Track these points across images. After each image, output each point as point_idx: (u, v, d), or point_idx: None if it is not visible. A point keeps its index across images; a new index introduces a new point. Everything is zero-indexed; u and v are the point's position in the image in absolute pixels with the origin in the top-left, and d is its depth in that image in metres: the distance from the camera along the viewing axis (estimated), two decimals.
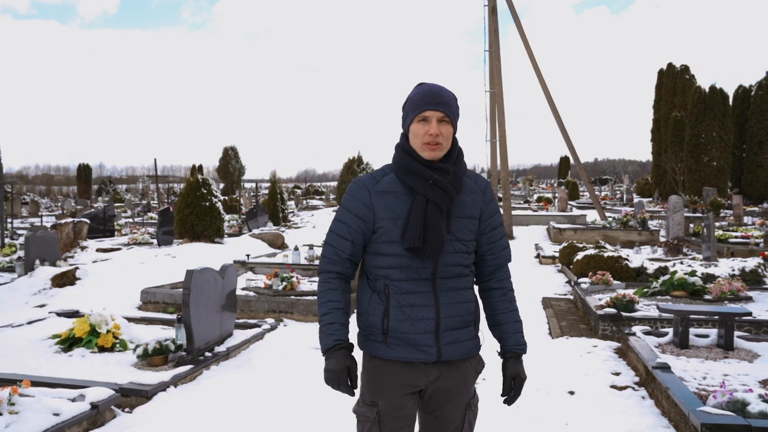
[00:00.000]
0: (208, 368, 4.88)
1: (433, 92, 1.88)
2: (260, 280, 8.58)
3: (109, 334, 5.28)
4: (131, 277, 8.89)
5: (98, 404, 3.64)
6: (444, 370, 1.92)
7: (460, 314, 1.92)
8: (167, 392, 4.25)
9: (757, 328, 5.64)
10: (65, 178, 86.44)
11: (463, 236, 1.92)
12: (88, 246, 12.09)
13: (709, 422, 3.22)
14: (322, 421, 3.88)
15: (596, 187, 52.62)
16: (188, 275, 4.92)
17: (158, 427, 3.73)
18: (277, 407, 4.12)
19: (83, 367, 4.79)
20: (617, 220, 16.17)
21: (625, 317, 5.93)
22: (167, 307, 7.29)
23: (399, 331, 1.88)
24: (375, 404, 1.94)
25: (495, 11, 17.66)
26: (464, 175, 1.96)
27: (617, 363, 5.07)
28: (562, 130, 17.39)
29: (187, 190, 12.59)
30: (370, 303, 1.94)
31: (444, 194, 1.86)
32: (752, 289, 7.42)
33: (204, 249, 11.69)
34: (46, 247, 9.47)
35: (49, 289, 8.01)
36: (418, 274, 1.88)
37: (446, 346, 1.90)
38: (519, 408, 4.03)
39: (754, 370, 4.43)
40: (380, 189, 1.91)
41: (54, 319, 6.40)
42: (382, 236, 1.89)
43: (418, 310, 1.88)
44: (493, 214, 2.02)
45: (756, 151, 27.46)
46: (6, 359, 4.89)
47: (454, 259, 1.90)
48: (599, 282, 7.77)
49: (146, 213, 26.74)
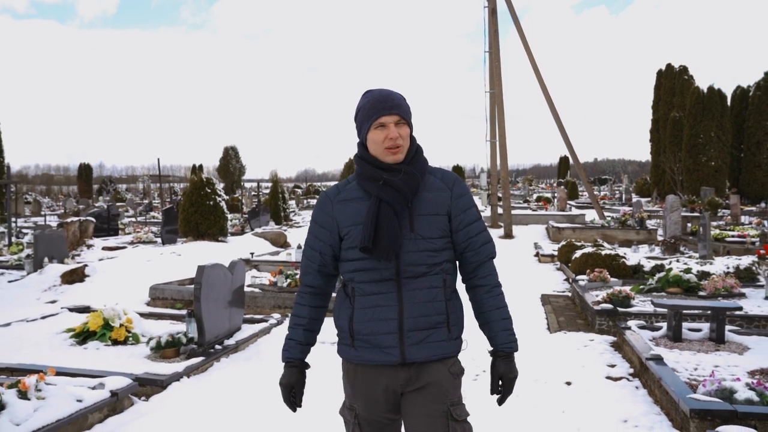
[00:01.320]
0: (219, 360, 5.06)
1: (383, 97, 1.90)
2: (265, 278, 8.77)
3: (122, 327, 5.46)
4: (138, 274, 9.07)
5: (117, 392, 3.82)
6: (414, 372, 1.90)
7: (427, 314, 1.88)
8: (181, 382, 4.43)
9: (748, 323, 5.83)
10: (65, 178, 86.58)
11: (428, 234, 1.89)
12: (93, 244, 12.27)
13: (698, 408, 3.40)
14: (327, 411, 4.07)
15: (596, 186, 52.83)
16: (199, 271, 5.10)
17: (173, 414, 3.92)
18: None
19: (98, 359, 4.97)
20: (616, 220, 16.35)
21: (621, 312, 6.12)
22: (175, 303, 7.48)
23: (363, 333, 1.89)
24: (353, 408, 1.98)
25: (495, 13, 17.84)
26: (423, 173, 1.95)
27: (613, 356, 5.25)
28: (561, 130, 17.57)
29: (191, 190, 12.77)
30: (340, 307, 1.98)
31: (396, 193, 1.86)
32: (746, 286, 7.60)
33: (208, 247, 11.88)
34: (54, 245, 9.65)
35: (59, 285, 8.20)
36: (381, 275, 1.88)
37: (411, 347, 1.87)
38: (519, 396, 4.21)
39: (744, 362, 4.62)
40: (342, 198, 1.96)
41: (66, 314, 6.59)
42: (347, 242, 1.93)
43: (380, 310, 1.88)
44: (465, 209, 1.97)
45: (754, 152, 27.64)
46: (25, 351, 5.08)
47: (418, 258, 1.88)
48: (597, 279, 7.96)
49: (148, 212, 26.92)
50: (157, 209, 28.18)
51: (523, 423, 3.87)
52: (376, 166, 1.91)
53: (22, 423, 3.15)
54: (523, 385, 4.38)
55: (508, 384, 1.95)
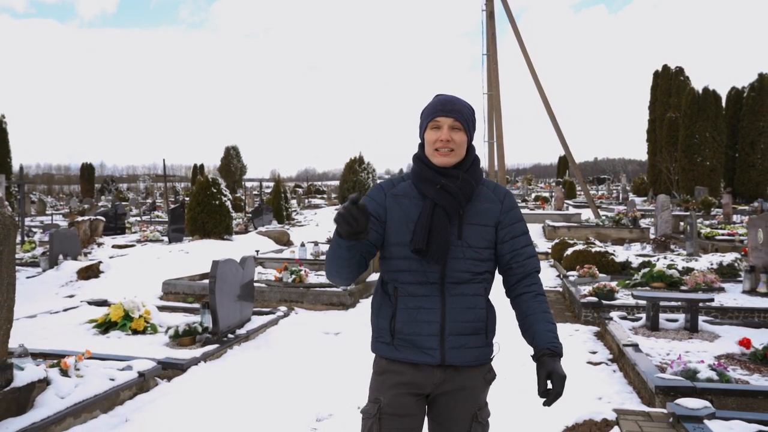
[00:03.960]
0: (232, 348, 5.49)
1: (446, 100, 1.93)
2: (270, 274, 9.19)
3: (141, 318, 5.89)
4: (149, 270, 9.51)
5: (144, 373, 4.25)
6: (449, 375, 1.93)
7: (468, 320, 1.92)
8: (198, 366, 4.86)
9: (722, 314, 6.26)
10: (65, 177, 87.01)
11: (475, 243, 1.92)
12: (103, 242, 12.71)
13: (662, 385, 3.84)
14: (333, 392, 4.50)
15: (594, 186, 53.24)
16: (214, 265, 5.53)
17: (193, 394, 4.35)
18: (293, 380, 4.74)
19: (121, 346, 5.39)
20: (610, 219, 16.78)
21: (606, 305, 6.55)
22: (187, 297, 7.91)
23: (404, 333, 1.92)
24: (378, 401, 1.97)
25: (493, 16, 18.27)
26: (478, 182, 1.97)
27: (595, 344, 5.69)
28: (558, 132, 18.00)
29: (198, 190, 13.20)
30: (381, 306, 2.00)
31: (452, 199, 1.89)
32: (727, 281, 8.03)
33: (214, 245, 12.30)
34: (68, 243, 10.08)
35: (75, 281, 8.63)
36: (426, 278, 1.90)
37: (451, 350, 1.90)
38: (507, 380, 4.64)
39: (713, 348, 5.05)
40: (395, 192, 1.98)
41: (86, 307, 7.02)
42: (393, 238, 1.93)
43: (424, 312, 1.91)
44: (514, 222, 2.00)
45: (748, 152, 28.09)
46: (54, 339, 5.50)
47: (464, 265, 1.91)
48: (586, 275, 8.38)
49: (152, 211, 27.34)
50: (160, 208, 28.63)
51: (510, 404, 4.29)
52: (435, 169, 1.93)
53: (66, 396, 3.58)
54: (510, 369, 4.80)
55: (558, 382, 1.83)
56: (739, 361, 4.64)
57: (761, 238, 7.54)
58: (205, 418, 3.92)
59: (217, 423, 3.85)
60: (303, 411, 4.12)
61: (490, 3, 18.28)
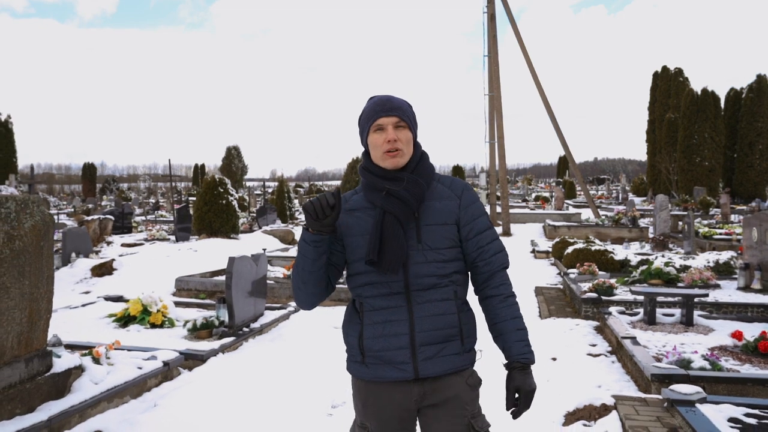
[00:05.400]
0: (247, 340, 5.74)
1: (385, 100, 1.87)
2: (278, 271, 9.44)
3: (159, 313, 6.14)
4: (160, 268, 9.75)
5: (169, 362, 4.50)
6: (428, 388, 1.84)
7: (439, 327, 1.82)
8: (217, 357, 5.11)
9: (717, 309, 6.50)
10: (66, 177, 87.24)
11: (437, 244, 1.83)
12: (113, 241, 12.96)
13: (658, 373, 4.09)
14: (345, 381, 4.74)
15: (594, 186, 53.50)
16: (230, 261, 5.77)
17: (214, 382, 4.59)
18: (307, 370, 4.99)
19: (141, 339, 5.64)
20: (610, 218, 17.02)
21: (605, 300, 6.80)
22: (199, 293, 8.15)
23: (374, 350, 1.84)
24: (365, 427, 1.91)
25: (494, 18, 18.50)
26: (430, 180, 1.89)
27: (595, 337, 5.93)
28: (558, 132, 18.24)
29: (205, 189, 13.45)
30: (349, 324, 1.93)
31: (400, 203, 1.80)
32: (722, 279, 8.28)
33: (221, 244, 12.55)
34: (80, 241, 10.33)
35: (89, 278, 8.88)
36: (390, 289, 1.82)
37: (424, 361, 1.81)
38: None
39: (707, 340, 5.30)
40: (349, 207, 1.91)
41: (103, 302, 7.26)
42: (353, 254, 1.87)
43: (391, 325, 1.82)
44: (475, 217, 1.90)
45: (746, 152, 28.38)
46: (76, 333, 5.74)
47: (427, 269, 1.82)
48: (586, 272, 8.63)
49: (155, 211, 27.59)
50: (163, 208, 28.88)
51: None
52: (379, 176, 1.86)
53: (99, 382, 3.83)
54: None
55: (526, 397, 1.82)
56: (732, 352, 4.88)
57: (755, 236, 7.79)
58: (227, 404, 4.17)
59: (239, 409, 4.10)
60: (318, 398, 4.37)
61: (491, 5, 18.51)
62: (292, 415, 4.03)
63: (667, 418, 3.51)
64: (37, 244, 3.49)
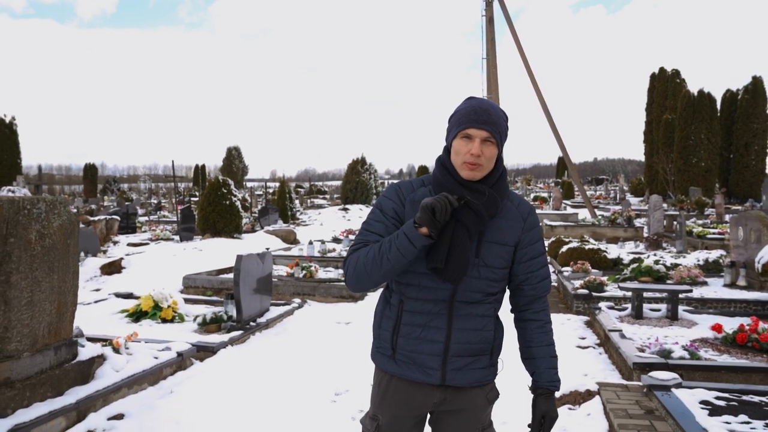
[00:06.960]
0: (254, 334, 6.04)
1: (482, 109, 1.76)
2: (282, 270, 9.74)
3: (169, 308, 6.44)
4: (167, 266, 10.06)
5: (182, 353, 4.80)
6: (450, 395, 1.87)
7: (474, 342, 1.84)
8: (227, 349, 5.41)
9: (701, 305, 6.81)
10: (66, 178, 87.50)
11: (492, 263, 1.82)
12: (119, 241, 13.26)
13: (639, 362, 4.39)
14: (347, 371, 5.05)
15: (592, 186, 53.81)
16: (238, 259, 6.07)
17: (225, 372, 4.89)
18: (312, 362, 5.30)
19: (153, 332, 5.93)
20: (606, 218, 17.33)
21: (595, 296, 7.10)
22: (206, 290, 8.45)
23: (406, 349, 1.85)
24: (376, 418, 1.94)
25: (492, 21, 18.83)
26: (503, 198, 1.83)
27: (585, 331, 6.23)
28: (555, 135, 18.55)
29: (209, 190, 13.75)
30: (383, 317, 1.92)
31: (475, 217, 1.75)
32: (711, 276, 8.59)
33: (225, 244, 12.85)
34: (88, 240, 10.63)
35: (99, 276, 9.18)
36: (435, 295, 1.81)
37: (453, 371, 1.83)
38: (502, 362, 5.19)
39: (690, 333, 5.60)
40: (415, 198, 1.85)
41: (114, 299, 7.56)
42: None
43: (428, 331, 1.83)
44: (533, 242, 1.89)
45: (742, 153, 28.72)
46: (90, 328, 6.03)
47: (478, 285, 1.81)
48: (579, 270, 8.94)
49: (158, 211, 27.89)
50: (165, 208, 29.18)
51: (505, 384, 4.84)
52: (459, 182, 1.79)
53: (119, 370, 4.12)
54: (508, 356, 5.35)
55: (550, 423, 1.87)
56: (712, 344, 5.18)
57: (741, 235, 8.09)
58: (237, 391, 4.47)
59: (249, 396, 4.40)
60: (323, 387, 4.68)
61: (490, 8, 18.85)
62: (298, 402, 4.33)
63: (645, 401, 3.81)
64: (65, 242, 3.78)
